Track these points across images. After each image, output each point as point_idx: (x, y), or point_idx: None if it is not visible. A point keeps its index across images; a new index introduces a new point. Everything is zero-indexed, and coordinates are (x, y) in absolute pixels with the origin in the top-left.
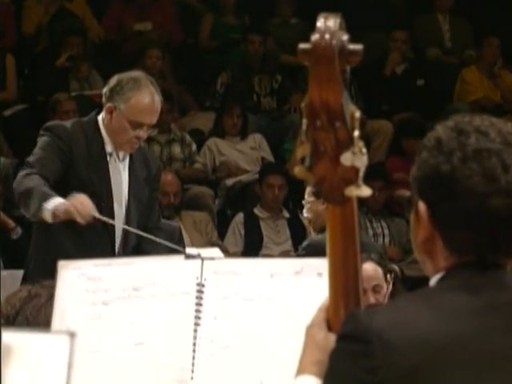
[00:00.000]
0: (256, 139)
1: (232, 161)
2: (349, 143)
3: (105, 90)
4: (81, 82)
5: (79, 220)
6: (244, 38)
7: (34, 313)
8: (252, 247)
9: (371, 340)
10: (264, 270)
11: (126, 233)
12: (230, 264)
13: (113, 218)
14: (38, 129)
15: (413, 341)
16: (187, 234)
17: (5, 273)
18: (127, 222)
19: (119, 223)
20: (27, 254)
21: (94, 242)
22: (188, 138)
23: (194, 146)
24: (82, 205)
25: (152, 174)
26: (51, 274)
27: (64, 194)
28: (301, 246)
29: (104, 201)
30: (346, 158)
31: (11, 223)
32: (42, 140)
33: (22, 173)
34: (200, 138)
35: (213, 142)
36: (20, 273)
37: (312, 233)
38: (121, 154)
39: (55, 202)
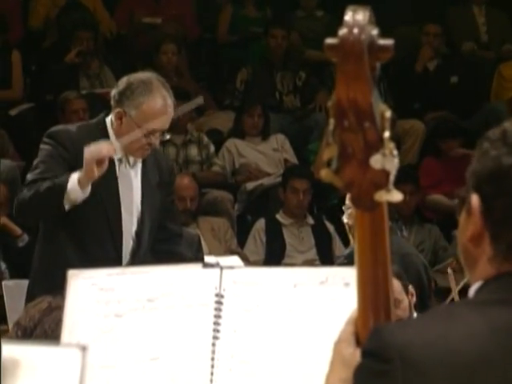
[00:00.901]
0: (278, 140)
1: (253, 163)
2: (378, 145)
3: (113, 92)
4: (91, 80)
5: (107, 154)
6: (265, 32)
7: (53, 326)
8: (274, 256)
9: (392, 358)
10: (287, 279)
11: (136, 242)
12: (251, 273)
13: (120, 227)
14: (45, 129)
15: (439, 361)
16: (205, 242)
17: (10, 282)
18: (139, 230)
19: (128, 233)
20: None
21: (98, 254)
22: (206, 138)
23: (211, 148)
24: (96, 147)
25: (164, 177)
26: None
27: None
28: (342, 254)
29: (111, 208)
30: (376, 161)
31: (18, 230)
32: (43, 150)
33: (24, 191)
34: (218, 138)
35: (232, 143)
36: (26, 282)
37: (353, 240)
38: (131, 160)
39: (73, 176)
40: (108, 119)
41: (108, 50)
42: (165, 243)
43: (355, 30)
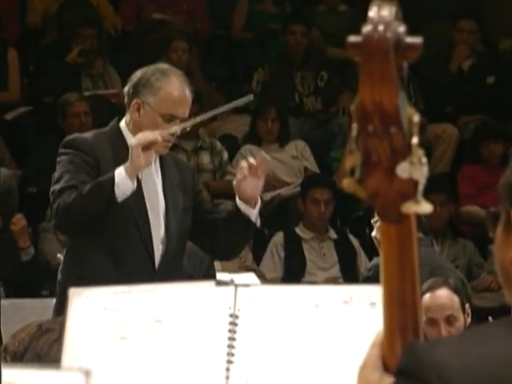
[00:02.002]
0: (298, 146)
1: (270, 172)
2: (406, 152)
3: (127, 88)
4: (95, 80)
5: (153, 139)
6: (284, 29)
7: (45, 349)
8: (293, 273)
9: (429, 378)
10: (307, 299)
11: (165, 244)
12: (268, 292)
13: (149, 229)
14: (44, 134)
15: (479, 381)
16: None
17: (7, 302)
18: (167, 230)
19: (157, 234)
20: (57, 280)
21: (130, 259)
22: (219, 145)
23: (225, 155)
24: (141, 133)
25: (187, 179)
26: None
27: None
28: (367, 266)
29: (138, 211)
30: (403, 169)
31: (26, 241)
32: (63, 160)
33: (58, 203)
34: (233, 145)
35: (247, 150)
36: (25, 302)
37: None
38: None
39: (119, 169)
40: (122, 123)
41: (113, 48)
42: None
43: (380, 27)
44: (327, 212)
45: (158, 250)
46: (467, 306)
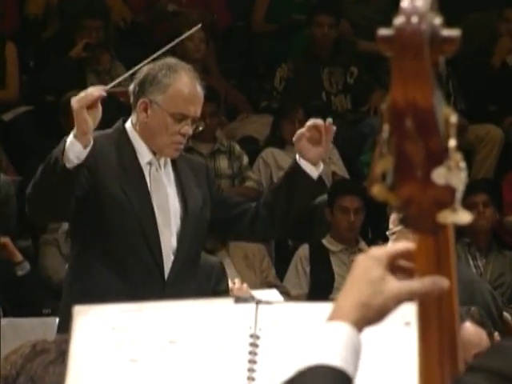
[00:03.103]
0: None
1: None
2: (442, 156)
3: (132, 86)
4: (101, 77)
5: (96, 96)
6: (310, 20)
7: (39, 371)
8: (320, 288)
9: None
10: None
11: (177, 252)
12: (292, 310)
13: (158, 238)
14: (45, 136)
15: None
16: (236, 272)
17: (5, 321)
18: (179, 238)
19: (167, 243)
20: (61, 301)
21: (138, 270)
22: (238, 148)
23: (245, 159)
24: (82, 92)
25: (201, 177)
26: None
27: (100, 215)
28: None
29: (145, 218)
30: (439, 175)
31: (18, 256)
32: None
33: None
34: (253, 148)
35: (269, 154)
36: (24, 322)
37: None
38: (161, 162)
39: (68, 137)
40: (128, 124)
41: (121, 41)
42: (245, 222)
43: (414, 19)
44: (357, 222)
45: (169, 260)
46: (496, 334)
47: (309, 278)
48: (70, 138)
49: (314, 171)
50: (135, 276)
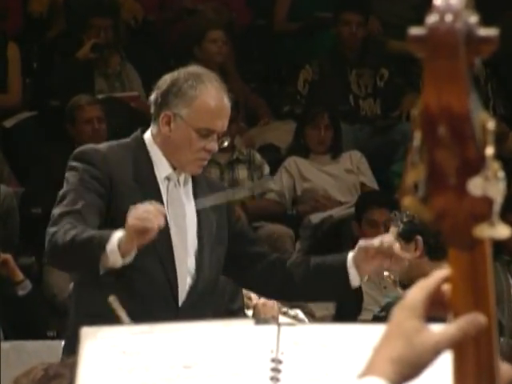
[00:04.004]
0: (353, 158)
1: (319, 188)
2: (479, 165)
3: (153, 96)
4: (110, 80)
5: (152, 228)
6: (336, 18)
7: None
8: (347, 309)
9: None
10: (364, 340)
11: (195, 277)
12: (317, 332)
13: (172, 259)
14: (50, 144)
15: None
16: None
17: (7, 344)
18: (198, 262)
19: (183, 265)
20: (67, 321)
21: (149, 293)
22: (258, 157)
23: (266, 169)
24: (141, 214)
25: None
26: None
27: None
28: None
29: (160, 238)
30: (476, 186)
31: (19, 275)
32: (70, 176)
33: (53, 232)
34: (275, 156)
35: (292, 163)
36: (27, 345)
37: (398, 289)
38: (181, 178)
39: (117, 236)
40: (147, 135)
41: (132, 41)
42: (257, 269)
43: (448, 17)
44: None
45: (184, 283)
46: None
47: None
48: (113, 245)
49: (356, 281)
50: (146, 299)
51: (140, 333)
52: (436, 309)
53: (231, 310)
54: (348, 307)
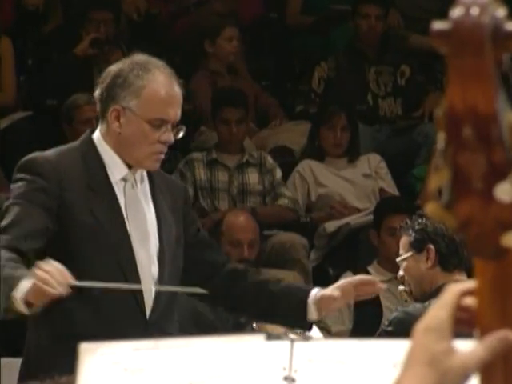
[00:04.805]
0: (371, 162)
1: (335, 194)
2: (507, 169)
3: (98, 92)
4: None
5: (52, 294)
6: (354, 11)
7: None
8: (365, 324)
9: None
10: (383, 357)
11: (161, 282)
12: (333, 349)
13: (135, 267)
14: (46, 146)
15: None
16: None
17: (3, 361)
18: (161, 265)
19: (147, 272)
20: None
21: (114, 305)
22: (270, 160)
23: (278, 173)
24: (50, 273)
25: (178, 201)
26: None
27: (67, 246)
28: (387, 319)
29: (119, 244)
30: (504, 191)
31: None
32: (16, 188)
33: None
34: (287, 160)
35: (307, 167)
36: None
37: (408, 300)
38: (137, 176)
39: (25, 286)
40: (96, 135)
41: (134, 36)
42: (212, 281)
43: (474, 11)
44: None
45: (150, 293)
46: None
47: (352, 311)
48: (20, 293)
49: (314, 316)
50: (111, 314)
51: (143, 348)
52: (459, 325)
53: (239, 322)
54: (366, 322)
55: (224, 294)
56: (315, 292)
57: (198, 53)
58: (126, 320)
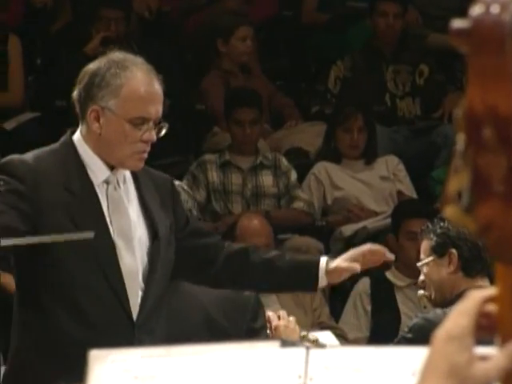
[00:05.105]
0: (389, 164)
1: (352, 197)
2: None
3: (76, 93)
4: None
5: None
6: (372, 8)
7: None
8: (383, 331)
9: None
10: (402, 365)
11: (148, 286)
12: (350, 356)
13: (119, 273)
14: None
15: None
16: (282, 310)
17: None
18: (150, 269)
19: (132, 277)
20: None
21: (97, 311)
22: (284, 162)
23: (293, 175)
24: None
25: (165, 196)
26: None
27: (47, 254)
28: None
29: (102, 248)
30: None
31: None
32: None
33: None
34: (303, 162)
35: (322, 169)
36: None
37: (427, 306)
38: (120, 177)
39: None
40: (76, 136)
41: (145, 34)
42: (215, 264)
43: (494, 9)
44: None
45: (135, 297)
46: None
47: (369, 318)
48: None
49: (324, 281)
50: (96, 322)
51: (154, 356)
52: (480, 332)
53: (253, 328)
54: (384, 328)
55: (230, 274)
56: (324, 262)
57: (211, 52)
58: (112, 324)
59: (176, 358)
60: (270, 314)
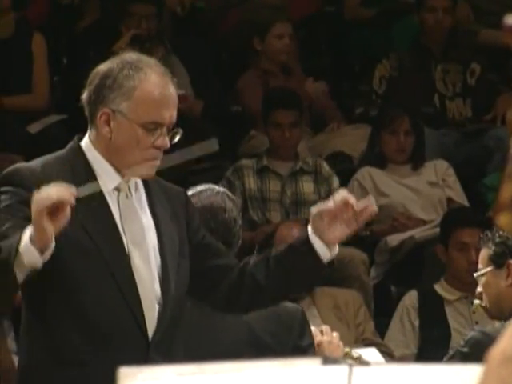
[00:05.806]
0: (438, 170)
1: (398, 205)
2: None
3: (86, 94)
4: None
5: (61, 200)
6: (419, 3)
7: None
8: (432, 347)
9: None
10: (452, 382)
11: (165, 299)
12: (396, 374)
13: (134, 284)
14: None
15: None
16: (323, 324)
17: None
18: (164, 280)
19: (148, 290)
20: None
21: (112, 327)
22: (326, 167)
23: (335, 181)
24: (44, 192)
25: (178, 208)
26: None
27: (58, 265)
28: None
29: (117, 262)
30: None
31: None
32: (1, 201)
33: None
34: (346, 167)
35: (366, 174)
36: None
37: (480, 321)
38: (131, 185)
39: (26, 235)
40: (85, 141)
41: (178, 32)
42: (224, 285)
43: None
44: None
45: (153, 312)
46: None
47: (417, 333)
48: (26, 243)
49: (327, 254)
50: (108, 337)
51: (188, 373)
52: None
53: (300, 346)
54: (433, 345)
55: (235, 295)
56: (310, 233)
57: (248, 50)
58: (124, 343)
59: (211, 376)
60: (312, 328)
